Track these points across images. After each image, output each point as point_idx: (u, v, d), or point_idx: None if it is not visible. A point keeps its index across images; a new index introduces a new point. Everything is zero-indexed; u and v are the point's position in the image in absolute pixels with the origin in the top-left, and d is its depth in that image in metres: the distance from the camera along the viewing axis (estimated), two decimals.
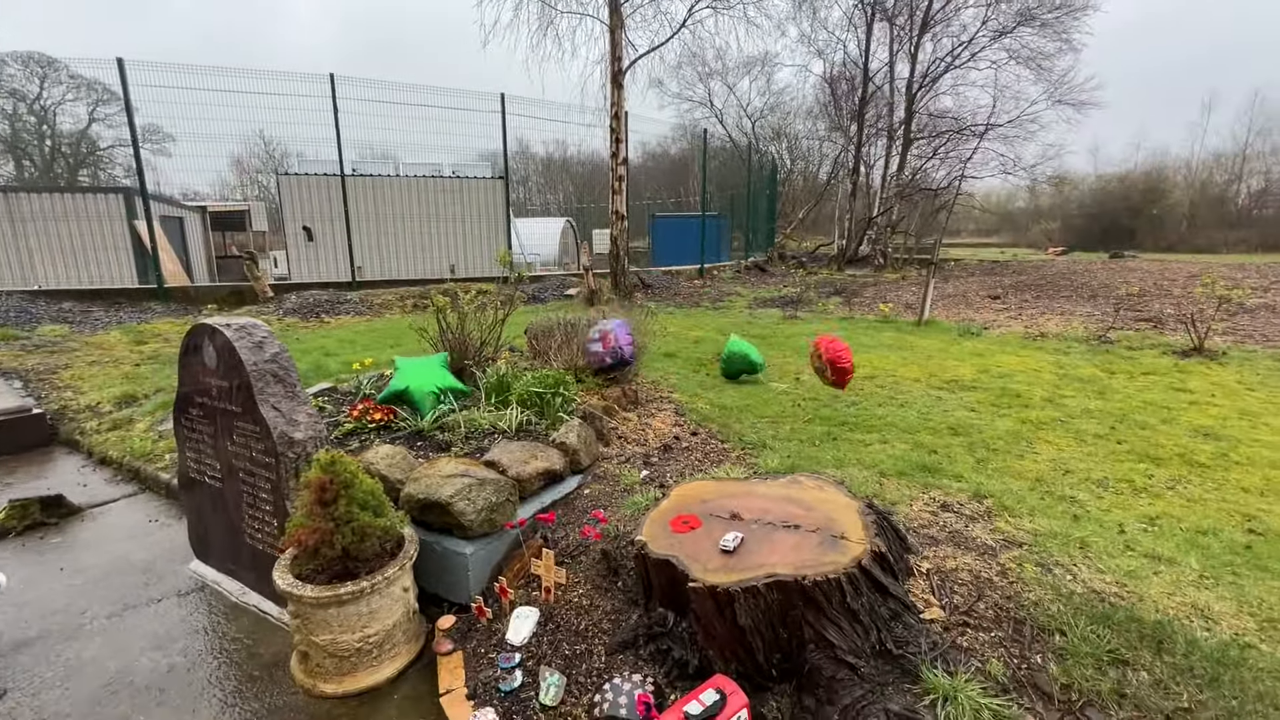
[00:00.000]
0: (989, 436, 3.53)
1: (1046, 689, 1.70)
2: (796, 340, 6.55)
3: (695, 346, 6.19)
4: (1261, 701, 1.60)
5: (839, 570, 1.75)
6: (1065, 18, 16.80)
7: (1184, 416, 3.94)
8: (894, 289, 11.61)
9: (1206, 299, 7.47)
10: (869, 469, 3.03)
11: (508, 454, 2.72)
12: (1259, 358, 5.60)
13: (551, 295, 10.45)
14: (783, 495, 2.27)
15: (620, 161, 10.24)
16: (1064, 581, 2.08)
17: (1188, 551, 2.30)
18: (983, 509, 2.61)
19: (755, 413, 4.00)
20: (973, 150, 18.46)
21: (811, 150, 26.79)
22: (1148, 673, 1.72)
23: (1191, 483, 2.97)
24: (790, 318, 8.28)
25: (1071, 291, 10.35)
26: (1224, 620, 1.90)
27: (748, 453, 3.28)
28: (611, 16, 10.03)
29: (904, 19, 18.11)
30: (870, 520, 2.03)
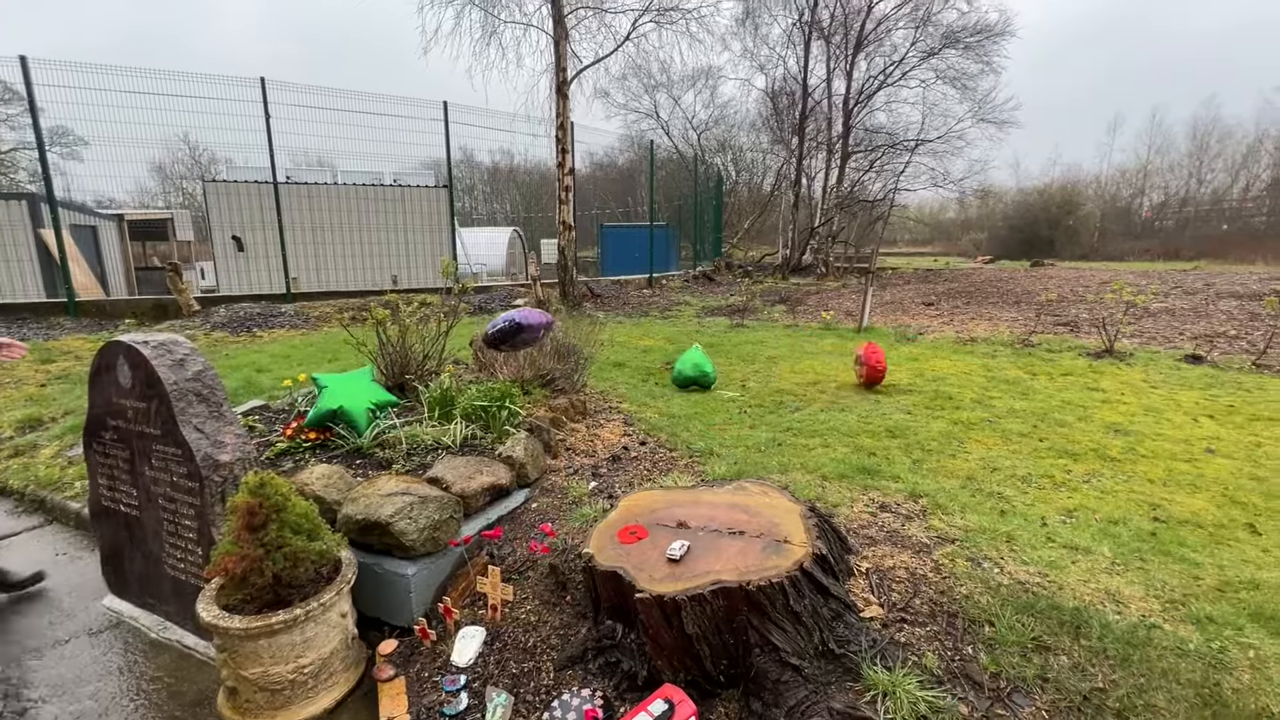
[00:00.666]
0: (924, 438, 3.69)
1: (977, 678, 1.78)
2: (744, 348, 6.68)
3: (644, 355, 6.23)
4: (1165, 678, 1.73)
5: (782, 574, 1.79)
6: (985, 41, 17.92)
7: (1097, 414, 4.22)
8: (835, 297, 12.02)
9: (1116, 304, 8.06)
10: (812, 473, 3.11)
11: (452, 470, 2.66)
12: (1161, 358, 6.07)
13: (498, 306, 10.31)
14: (728, 502, 2.30)
15: (567, 172, 10.24)
16: (992, 574, 2.19)
17: (1101, 541, 2.46)
18: (918, 508, 2.73)
19: (703, 420, 4.05)
20: (905, 164, 19.37)
21: (755, 162, 27.50)
22: (1067, 656, 1.83)
23: (1104, 476, 3.18)
24: (737, 326, 8.44)
25: (998, 298, 10.97)
26: (1133, 603, 2.05)
27: (696, 461, 3.32)
28: (556, 28, 10.05)
29: (839, 38, 18.88)
30: (812, 523, 2.09)
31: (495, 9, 10.78)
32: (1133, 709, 1.65)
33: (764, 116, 22.15)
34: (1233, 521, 2.67)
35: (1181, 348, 6.57)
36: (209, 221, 11.64)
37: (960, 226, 46.44)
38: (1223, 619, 1.97)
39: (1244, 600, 2.07)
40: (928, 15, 18.08)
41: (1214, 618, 1.97)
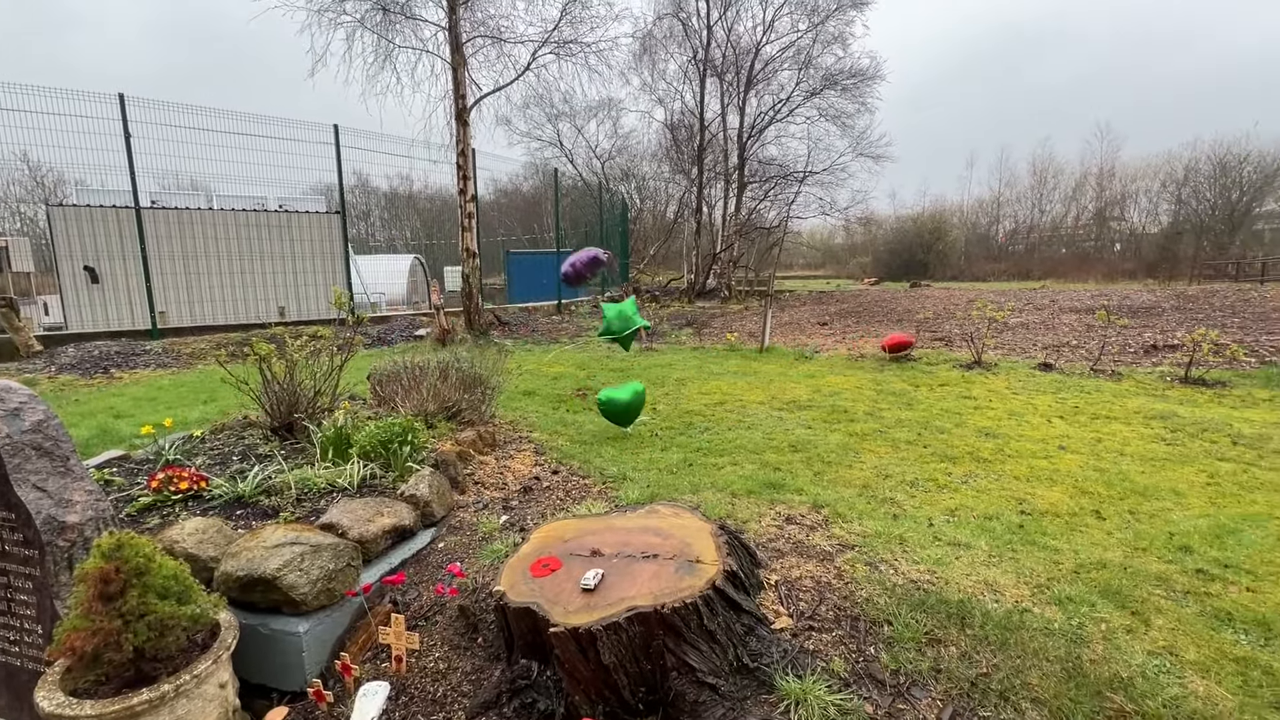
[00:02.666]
0: (823, 450, 3.90)
1: (879, 677, 1.88)
2: (653, 371, 6.79)
3: (555, 383, 6.17)
4: (1037, 656, 1.91)
5: (696, 594, 1.82)
6: (860, 84, 19.71)
7: (971, 420, 4.66)
8: (739, 319, 12.54)
9: (980, 320, 8.98)
10: (722, 490, 3.19)
11: (348, 514, 2.49)
12: (1019, 367, 6.82)
13: (399, 337, 9.86)
14: (641, 526, 2.31)
15: (469, 198, 10.06)
16: (888, 576, 2.34)
17: (979, 536, 2.70)
18: (821, 518, 2.87)
19: (616, 445, 4.06)
20: (795, 194, 20.72)
21: (659, 190, 28.37)
22: (955, 647, 1.97)
23: (979, 476, 3.50)
24: (647, 349, 8.58)
25: (883, 316, 11.90)
26: (1008, 591, 2.25)
27: (609, 486, 3.31)
28: (453, 55, 9.95)
29: (731, 76, 20.05)
30: (723, 541, 2.14)
31: (389, 34, 10.51)
32: (1012, 689, 1.81)
33: (665, 147, 23.01)
34: (1083, 510, 3.02)
35: (1035, 357, 7.42)
36: (54, 250, 10.30)
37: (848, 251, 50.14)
38: (1079, 598, 2.21)
39: (1095, 579, 2.34)
40: (809, 59, 19.65)
41: (1072, 598, 2.21)
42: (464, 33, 10.11)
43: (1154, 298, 12.63)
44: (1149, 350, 7.61)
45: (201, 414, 4.63)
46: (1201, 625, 2.06)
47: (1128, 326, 9.05)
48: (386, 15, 10.32)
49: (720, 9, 19.03)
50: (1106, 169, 39.74)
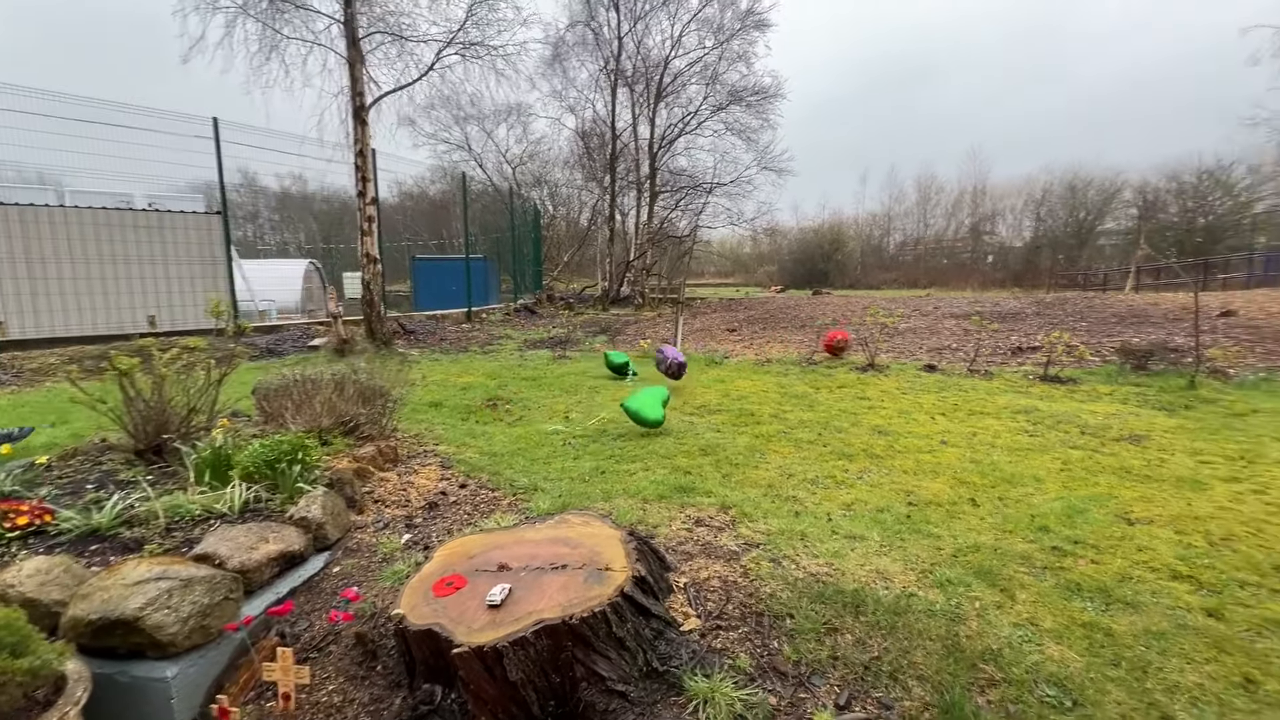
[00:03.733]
0: (731, 453, 4.02)
1: (782, 669, 1.96)
2: (567, 379, 6.74)
3: (464, 393, 5.97)
4: (921, 637, 2.06)
5: (604, 602, 1.81)
6: (763, 101, 20.68)
7: (865, 419, 4.98)
8: (652, 326, 12.72)
9: (874, 326, 9.63)
10: (634, 497, 3.22)
11: (228, 542, 2.27)
12: (908, 369, 7.38)
13: (292, 348, 9.19)
14: (551, 536, 2.28)
15: (369, 201, 9.57)
16: (790, 571, 2.44)
17: (872, 528, 2.88)
18: (728, 518, 2.95)
19: (527, 456, 3.99)
20: (703, 204, 21.38)
21: (572, 197, 28.31)
22: (850, 634, 2.09)
23: (872, 472, 3.74)
24: (560, 358, 8.50)
25: (788, 323, 12.49)
26: (896, 578, 2.42)
27: (520, 498, 3.24)
28: (350, 50, 9.45)
29: (642, 87, 20.42)
30: (632, 547, 2.15)
31: (276, 23, 9.82)
32: (900, 669, 1.94)
33: (577, 155, 23.03)
34: (961, 499, 3.30)
35: (921, 359, 8.05)
36: None
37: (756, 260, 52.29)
38: (958, 580, 2.41)
39: (970, 561, 2.56)
40: (715, 75, 20.40)
41: (951, 580, 2.41)
42: (361, 27, 9.63)
43: (1019, 304, 14.08)
44: (1015, 352, 8.47)
45: (49, 438, 4.08)
46: (1056, 596, 2.31)
47: (997, 331, 10.02)
48: (274, 3, 9.64)
49: (630, 21, 19.37)
50: (979, 188, 44.03)
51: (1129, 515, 3.03)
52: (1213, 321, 9.66)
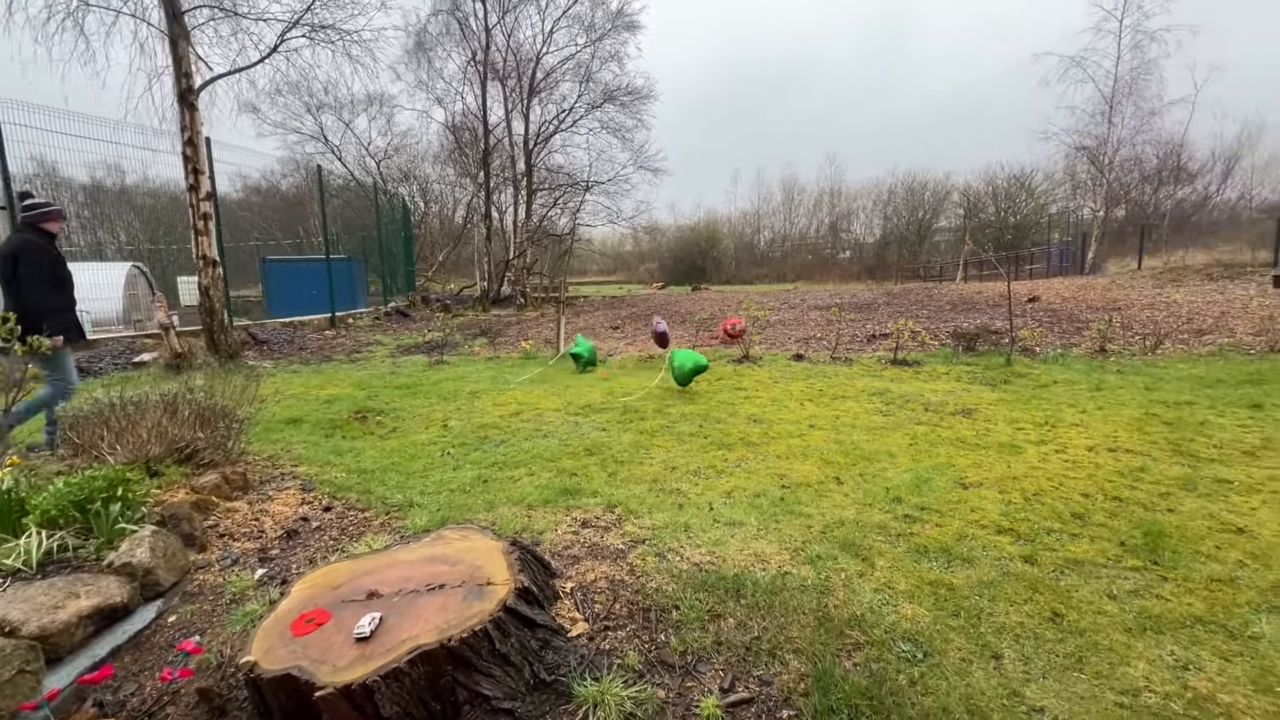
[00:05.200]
0: (617, 451, 4.05)
1: (670, 661, 1.99)
2: (445, 386, 6.43)
3: (328, 407, 5.49)
4: (796, 612, 2.19)
5: (485, 619, 1.74)
6: (636, 102, 21.03)
7: (742, 409, 5.23)
8: (535, 326, 12.50)
9: (747, 319, 10.16)
10: (518, 504, 3.13)
11: (22, 604, 1.91)
12: (778, 359, 7.86)
13: (113, 365, 7.95)
14: (426, 556, 2.15)
15: (204, 196, 8.49)
16: (675, 564, 2.50)
17: (750, 513, 3.03)
18: (614, 517, 2.96)
19: (401, 470, 3.75)
20: (580, 202, 21.37)
21: (445, 194, 27.07)
22: (733, 618, 2.18)
23: (750, 459, 3.93)
24: (437, 363, 8.10)
25: (669, 318, 12.82)
26: (773, 559, 2.56)
27: (393, 516, 3.03)
28: (171, 25, 8.31)
29: (514, 82, 19.95)
30: (515, 557, 2.08)
31: None
32: (778, 645, 2.05)
33: (448, 150, 22.04)
34: (828, 478, 3.56)
35: (790, 349, 8.62)
36: None
37: (637, 257, 53.19)
38: (826, 554, 2.60)
39: (837, 536, 2.77)
40: (589, 74, 20.42)
41: (821, 555, 2.59)
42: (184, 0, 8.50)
43: (872, 296, 15.54)
44: (870, 339, 9.33)
45: None
46: (909, 560, 2.56)
47: (854, 320, 10.99)
48: None
49: (499, 13, 18.84)
50: (836, 190, 47.92)
51: (964, 480, 3.44)
52: (1023, 307, 11.27)
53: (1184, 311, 9.88)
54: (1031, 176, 33.06)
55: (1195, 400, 5.00)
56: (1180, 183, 28.17)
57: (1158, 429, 4.28)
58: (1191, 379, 5.79)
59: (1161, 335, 7.95)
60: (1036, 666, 1.93)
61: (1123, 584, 2.35)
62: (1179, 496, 3.14)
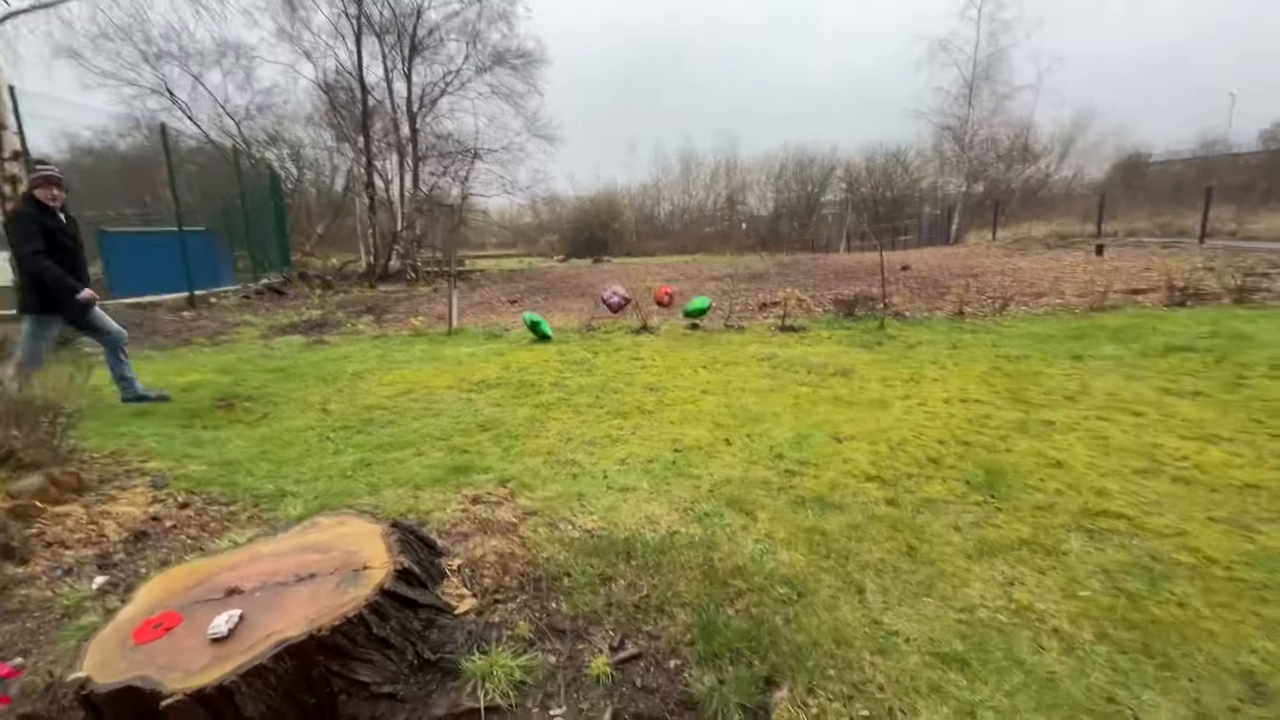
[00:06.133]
0: (512, 426, 3.98)
1: (561, 626, 2.01)
2: (325, 367, 6.00)
3: (186, 395, 4.96)
4: (684, 568, 2.28)
5: (360, 604, 1.66)
6: (528, 66, 20.24)
7: (639, 378, 5.30)
8: (427, 302, 11.92)
9: (648, 289, 10.26)
10: (404, 485, 3.00)
11: None
12: (676, 328, 8.03)
13: None
14: (297, 545, 2.01)
15: (8, 156, 7.22)
16: (567, 532, 2.51)
17: (642, 478, 3.10)
18: (507, 491, 2.92)
19: (273, 458, 3.47)
20: (468, 170, 20.42)
21: (321, 160, 24.82)
22: (623, 579, 2.23)
23: (645, 426, 4.01)
24: (315, 343, 7.51)
25: (569, 291, 12.70)
26: (662, 520, 2.64)
27: (263, 508, 2.81)
28: None
29: (394, 38, 18.50)
30: (394, 540, 2.00)
31: None
32: (666, 601, 2.12)
33: (321, 111, 20.16)
34: (718, 440, 3.71)
35: (687, 319, 8.82)
36: None
37: (537, 229, 51.93)
38: (713, 511, 2.71)
39: (723, 494, 2.90)
40: (476, 34, 19.33)
41: (709, 512, 2.71)
42: None
43: (765, 266, 16.22)
44: (761, 307, 9.74)
45: None
46: (788, 511, 2.74)
47: (748, 289, 11.43)
48: None
49: None
50: (731, 163, 49.09)
51: (839, 435, 3.71)
52: (896, 274, 12.22)
53: (1026, 277, 11.15)
54: (906, 153, 35.60)
55: (1031, 354, 5.69)
56: (1027, 162, 31.55)
57: (1001, 380, 4.83)
58: (1029, 336, 6.58)
59: (1008, 298, 8.93)
60: (893, 596, 2.14)
61: (966, 517, 2.65)
62: (1015, 438, 3.57)
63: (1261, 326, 6.18)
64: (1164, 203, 19.41)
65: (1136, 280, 9.72)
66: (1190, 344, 5.65)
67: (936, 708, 1.66)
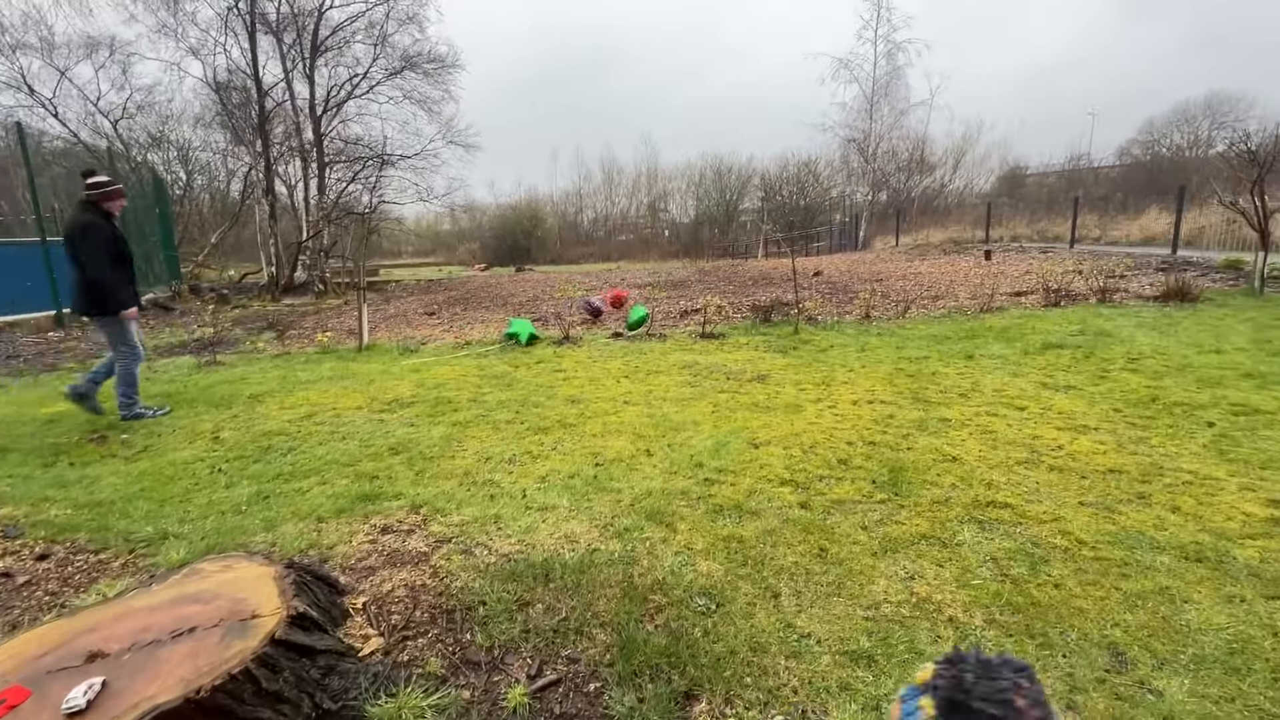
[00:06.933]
0: (426, 447, 3.82)
1: (475, 659, 1.94)
2: (217, 391, 5.53)
3: (49, 428, 4.43)
4: (604, 586, 2.26)
5: (246, 659, 1.53)
6: (441, 71, 19.70)
7: (561, 390, 5.24)
8: (336, 316, 11.29)
9: (566, 300, 10.19)
10: (306, 518, 2.81)
11: None
12: (598, 338, 8.01)
13: None
14: (174, 597, 1.83)
15: None
16: (483, 558, 2.43)
17: (563, 495, 3.05)
18: (419, 518, 2.80)
19: (154, 496, 3.15)
20: (377, 176, 19.59)
21: (215, 164, 23.03)
22: (541, 603, 2.18)
23: (566, 441, 3.96)
24: (207, 365, 6.92)
25: (489, 301, 12.40)
26: (582, 538, 2.61)
27: (139, 554, 2.54)
28: None
29: (293, 37, 17.48)
30: (289, 582, 1.86)
31: None
32: (586, 622, 2.09)
33: (213, 111, 18.71)
34: (640, 452, 3.72)
35: (610, 327, 8.83)
36: None
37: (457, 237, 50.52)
38: (633, 526, 2.71)
39: (644, 507, 2.91)
40: (384, 36, 18.60)
41: (629, 527, 2.70)
42: None
43: (686, 273, 16.51)
44: (683, 315, 9.90)
45: None
46: (706, 521, 2.78)
47: (669, 297, 11.59)
48: None
49: None
50: (652, 170, 49.79)
51: (755, 440, 3.81)
52: (810, 280, 12.78)
53: (926, 281, 11.96)
54: (817, 164, 37.43)
55: (930, 355, 6.09)
56: (924, 173, 33.95)
57: (903, 381, 5.15)
58: (929, 337, 7.05)
59: (909, 302, 9.54)
60: (806, 598, 2.21)
61: (872, 515, 2.79)
62: (915, 436, 3.80)
63: (1120, 324, 6.93)
64: (1040, 211, 21.43)
65: (1019, 283, 10.66)
66: (1063, 341, 6.25)
67: (846, 705, 1.72)
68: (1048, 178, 35.07)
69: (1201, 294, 8.24)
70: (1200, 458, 3.30)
